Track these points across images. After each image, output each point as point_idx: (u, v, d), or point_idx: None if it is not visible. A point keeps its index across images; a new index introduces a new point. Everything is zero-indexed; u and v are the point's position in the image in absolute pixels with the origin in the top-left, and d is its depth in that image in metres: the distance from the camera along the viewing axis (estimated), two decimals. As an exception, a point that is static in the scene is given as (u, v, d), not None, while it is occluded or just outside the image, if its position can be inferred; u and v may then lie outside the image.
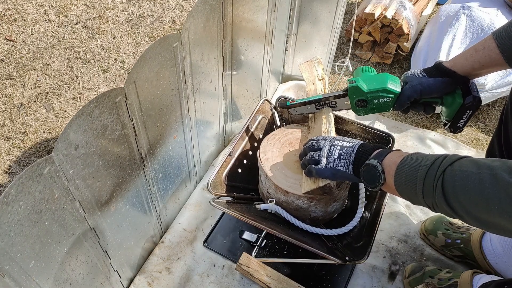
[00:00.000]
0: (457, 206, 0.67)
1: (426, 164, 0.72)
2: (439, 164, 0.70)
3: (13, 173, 1.47)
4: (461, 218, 0.69)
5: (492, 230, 0.67)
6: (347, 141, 0.92)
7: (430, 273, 1.11)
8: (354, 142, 0.90)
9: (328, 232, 1.08)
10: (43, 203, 0.69)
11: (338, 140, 0.92)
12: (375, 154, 0.85)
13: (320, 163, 0.91)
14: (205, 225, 1.28)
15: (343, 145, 0.90)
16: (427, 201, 0.72)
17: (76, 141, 0.72)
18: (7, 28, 1.98)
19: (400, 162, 0.78)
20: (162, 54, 0.88)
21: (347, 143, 0.91)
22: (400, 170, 0.77)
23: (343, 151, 0.89)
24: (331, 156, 0.90)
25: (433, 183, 0.69)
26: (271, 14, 1.29)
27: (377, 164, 0.81)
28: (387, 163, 0.81)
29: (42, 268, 0.75)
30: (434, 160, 0.71)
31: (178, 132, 1.10)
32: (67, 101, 1.71)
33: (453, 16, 1.61)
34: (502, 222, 0.63)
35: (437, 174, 0.69)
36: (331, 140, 0.93)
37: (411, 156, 0.77)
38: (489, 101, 1.58)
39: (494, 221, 0.64)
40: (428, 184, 0.70)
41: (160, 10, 2.14)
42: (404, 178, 0.75)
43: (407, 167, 0.75)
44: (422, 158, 0.74)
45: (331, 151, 0.91)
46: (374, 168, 0.81)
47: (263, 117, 1.29)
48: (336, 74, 1.82)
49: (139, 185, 0.99)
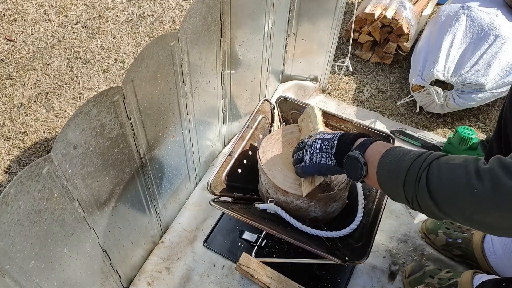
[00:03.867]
0: (441, 198, 0.65)
1: (412, 156, 0.70)
2: (426, 157, 0.68)
3: (13, 173, 1.47)
4: (443, 213, 0.66)
5: (476, 226, 0.65)
6: (328, 133, 0.90)
7: (430, 273, 1.11)
8: (335, 133, 0.89)
9: (328, 234, 1.07)
10: (43, 203, 0.69)
11: (320, 134, 0.91)
12: (358, 144, 0.83)
13: (303, 160, 0.90)
14: (205, 225, 1.28)
15: (324, 138, 0.89)
16: (407, 193, 0.70)
17: (74, 141, 0.72)
18: (7, 28, 1.99)
19: (385, 152, 0.76)
20: (160, 53, 0.87)
21: (328, 135, 0.89)
22: (384, 159, 0.75)
23: (324, 144, 0.88)
24: (313, 151, 0.89)
25: (417, 173, 0.67)
26: (269, 13, 1.29)
27: (359, 156, 0.79)
28: (370, 153, 0.79)
29: (42, 268, 0.75)
30: (422, 153, 0.70)
31: (177, 132, 1.10)
32: (67, 101, 1.71)
33: (453, 16, 1.60)
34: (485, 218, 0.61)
35: (422, 165, 0.67)
36: (314, 136, 0.92)
37: (398, 148, 0.75)
38: (489, 101, 1.58)
39: (478, 217, 0.62)
40: (411, 175, 0.68)
41: (160, 10, 2.14)
42: (388, 168, 0.74)
43: (392, 157, 0.74)
44: (409, 150, 0.73)
45: (313, 147, 0.90)
46: (356, 159, 0.79)
47: (263, 117, 1.28)
48: (336, 74, 1.82)
49: (138, 185, 0.99)
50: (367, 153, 0.79)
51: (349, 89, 1.79)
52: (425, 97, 1.59)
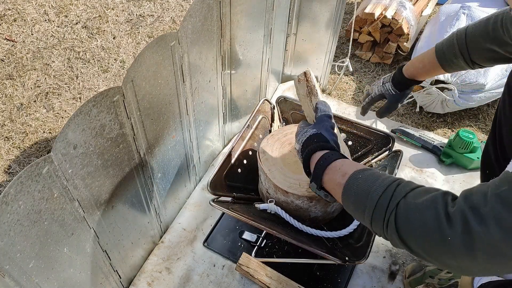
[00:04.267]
0: (412, 243, 0.60)
1: (377, 192, 0.64)
2: (392, 195, 0.63)
3: (13, 173, 1.47)
4: (415, 255, 0.62)
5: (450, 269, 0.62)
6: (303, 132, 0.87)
7: (431, 273, 1.11)
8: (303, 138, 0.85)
9: (328, 234, 1.07)
10: (42, 203, 0.69)
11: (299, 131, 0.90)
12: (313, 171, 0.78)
13: None
14: (205, 225, 1.28)
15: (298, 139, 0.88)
16: (376, 230, 0.66)
17: (74, 141, 0.72)
18: (7, 28, 1.99)
19: (345, 183, 0.70)
20: (160, 53, 0.87)
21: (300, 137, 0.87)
22: (347, 192, 0.69)
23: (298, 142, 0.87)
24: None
25: (384, 215, 0.62)
26: (269, 13, 1.29)
27: (317, 191, 0.76)
28: (329, 186, 0.74)
29: (42, 268, 0.75)
30: (386, 187, 0.64)
31: (177, 132, 1.10)
32: (67, 101, 1.71)
33: (453, 16, 1.60)
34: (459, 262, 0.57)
35: (389, 206, 0.62)
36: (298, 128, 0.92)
37: (358, 176, 0.69)
38: (489, 101, 1.58)
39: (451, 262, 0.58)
40: (378, 216, 0.63)
41: (160, 10, 2.14)
42: (352, 205, 0.69)
43: (354, 192, 0.68)
44: (372, 180, 0.66)
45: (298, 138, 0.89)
46: (317, 193, 0.77)
47: (263, 117, 1.28)
48: (336, 74, 1.82)
49: (138, 185, 0.99)
50: (326, 184, 0.75)
51: (349, 89, 1.79)
52: (425, 97, 1.59)
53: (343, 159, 0.76)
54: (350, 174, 0.70)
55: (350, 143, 1.28)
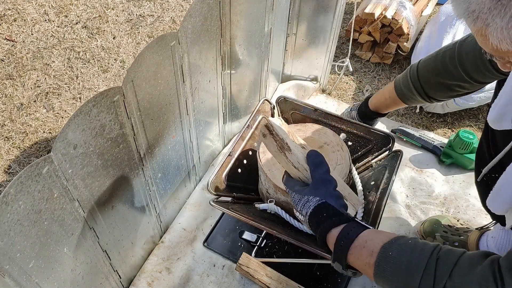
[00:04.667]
0: None
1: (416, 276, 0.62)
2: (433, 277, 0.60)
3: (13, 173, 1.47)
4: None
5: None
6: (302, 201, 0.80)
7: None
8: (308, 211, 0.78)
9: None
10: (42, 203, 0.69)
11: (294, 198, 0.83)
12: (335, 253, 0.73)
13: None
14: (205, 225, 1.28)
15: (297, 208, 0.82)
16: None
17: (74, 141, 0.72)
18: (7, 28, 1.99)
19: (376, 264, 0.66)
20: (160, 53, 0.87)
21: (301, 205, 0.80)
22: (381, 275, 0.66)
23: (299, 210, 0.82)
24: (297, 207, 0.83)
25: None
26: (269, 13, 1.29)
27: (344, 272, 0.73)
28: (357, 264, 0.70)
29: (42, 268, 0.75)
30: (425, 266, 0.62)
31: (177, 132, 1.10)
32: (67, 101, 1.71)
33: (453, 16, 1.60)
34: None
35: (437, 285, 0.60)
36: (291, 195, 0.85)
37: (389, 254, 0.65)
38: (489, 101, 1.58)
39: None
40: None
41: (160, 10, 2.14)
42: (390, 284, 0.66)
43: (389, 275, 0.65)
44: (408, 262, 0.63)
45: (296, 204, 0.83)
46: (344, 273, 0.74)
47: (263, 117, 1.28)
48: (336, 74, 1.82)
49: (138, 185, 0.99)
50: (353, 264, 0.71)
51: (349, 89, 1.79)
52: (425, 97, 1.59)
53: (363, 233, 0.71)
54: (378, 252, 0.67)
55: (350, 143, 1.28)
